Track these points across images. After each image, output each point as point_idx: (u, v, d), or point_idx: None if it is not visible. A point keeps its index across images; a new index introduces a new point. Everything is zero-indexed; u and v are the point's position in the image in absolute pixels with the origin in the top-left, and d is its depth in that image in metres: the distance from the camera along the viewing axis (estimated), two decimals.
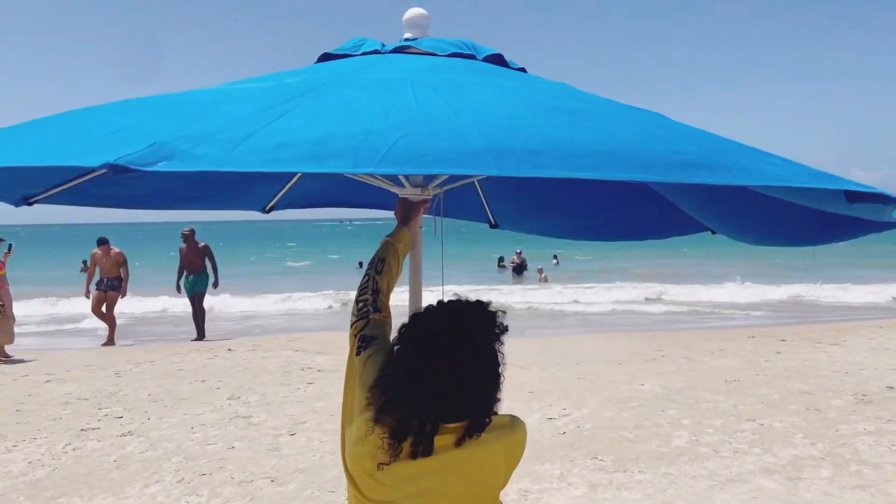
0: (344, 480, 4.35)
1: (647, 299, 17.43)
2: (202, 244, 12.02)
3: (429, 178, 2.36)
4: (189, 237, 11.95)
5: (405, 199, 2.26)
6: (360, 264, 30.47)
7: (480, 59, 2.18)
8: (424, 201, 2.30)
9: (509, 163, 1.35)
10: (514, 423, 1.74)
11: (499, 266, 27.56)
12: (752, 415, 6.11)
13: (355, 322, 1.91)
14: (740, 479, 4.63)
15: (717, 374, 7.81)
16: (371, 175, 2.53)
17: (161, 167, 1.24)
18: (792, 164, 1.47)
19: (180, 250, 12.07)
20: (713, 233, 3.07)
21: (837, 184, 1.36)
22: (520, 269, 25.25)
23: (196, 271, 11.84)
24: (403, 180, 2.34)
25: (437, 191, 2.37)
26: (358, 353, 1.83)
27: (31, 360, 9.38)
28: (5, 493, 4.58)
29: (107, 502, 4.41)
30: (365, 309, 1.92)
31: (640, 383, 7.39)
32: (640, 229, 3.33)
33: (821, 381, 7.34)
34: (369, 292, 1.95)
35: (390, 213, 2.50)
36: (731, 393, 6.91)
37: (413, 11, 2.32)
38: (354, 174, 2.12)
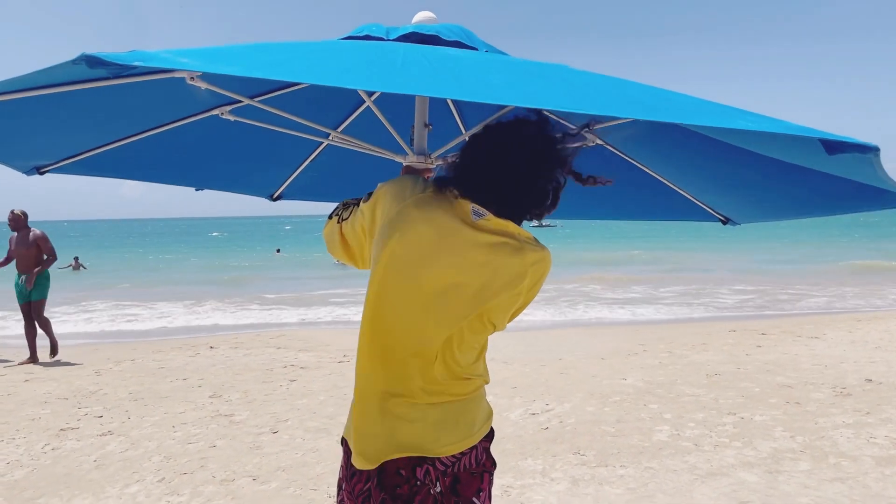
0: (325, 479, 4.36)
1: (629, 295, 17.51)
2: (37, 232, 8.95)
3: (432, 148, 2.41)
4: (19, 220, 8.90)
5: (409, 166, 2.35)
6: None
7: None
8: (427, 170, 2.36)
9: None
10: (545, 253, 1.85)
11: None
12: (732, 408, 6.16)
13: (333, 215, 2.12)
14: (721, 472, 4.66)
15: (698, 368, 7.86)
16: (377, 148, 2.57)
17: (137, 63, 1.24)
18: (769, 118, 1.49)
19: (10, 240, 8.99)
20: (724, 223, 3.10)
21: (815, 134, 1.38)
22: None
23: (28, 270, 8.90)
24: (407, 149, 2.41)
25: (440, 161, 2.43)
26: (362, 203, 1.99)
27: (8, 360, 9.26)
28: None
29: (86, 502, 4.36)
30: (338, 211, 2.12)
31: (622, 378, 7.42)
32: (645, 209, 3.39)
33: (800, 374, 7.41)
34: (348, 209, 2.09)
35: None
36: (712, 387, 6.96)
37: (422, 15, 2.36)
38: (362, 89, 2.17)
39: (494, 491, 4.39)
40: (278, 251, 34.58)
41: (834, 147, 1.36)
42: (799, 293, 16.91)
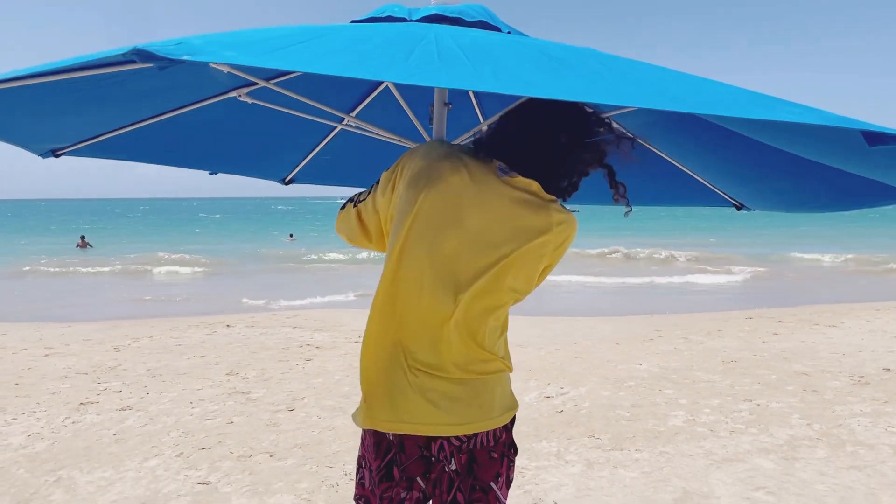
0: (341, 457, 4.41)
1: (647, 280, 17.44)
2: None
3: (451, 136, 2.40)
4: None
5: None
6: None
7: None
8: None
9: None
10: (570, 216, 1.87)
11: None
12: (748, 395, 6.13)
13: (346, 203, 2.13)
14: (736, 458, 4.66)
15: (714, 354, 7.83)
16: (392, 134, 2.55)
17: (186, 58, 1.25)
18: (810, 108, 1.45)
19: None
20: (738, 208, 3.07)
21: (857, 125, 1.34)
22: None
23: None
24: (425, 135, 2.39)
25: None
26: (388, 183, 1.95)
27: (30, 335, 9.38)
28: (5, 465, 4.60)
29: (106, 475, 4.43)
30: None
31: (638, 363, 7.41)
32: (660, 194, 3.36)
33: (818, 362, 7.36)
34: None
35: None
36: (728, 373, 6.94)
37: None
38: (383, 79, 2.16)
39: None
40: (291, 236, 34.64)
41: (876, 138, 1.32)
42: (817, 282, 16.78)
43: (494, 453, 1.88)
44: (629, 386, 6.48)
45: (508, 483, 1.93)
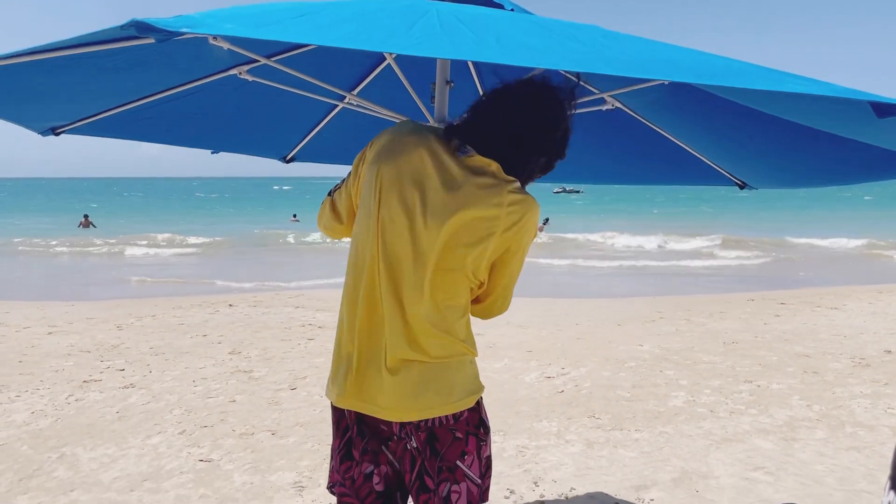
0: None
1: (646, 263, 17.43)
2: None
3: (453, 113, 2.37)
4: None
5: None
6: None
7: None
8: None
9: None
10: (528, 198, 1.84)
11: None
12: (749, 376, 6.15)
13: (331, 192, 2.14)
14: (736, 438, 4.68)
15: (715, 336, 7.85)
16: (393, 113, 2.54)
17: (184, 30, 1.25)
18: (817, 81, 1.44)
19: None
20: (741, 188, 3.06)
21: (866, 97, 1.33)
22: None
23: None
24: (427, 114, 2.37)
25: None
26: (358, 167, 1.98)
27: (33, 313, 9.42)
28: (8, 442, 4.63)
29: (109, 452, 4.46)
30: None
31: (639, 344, 7.43)
32: (663, 173, 3.35)
33: (819, 344, 7.37)
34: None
35: None
36: (729, 355, 6.95)
37: None
38: (383, 51, 2.15)
39: (509, 451, 4.43)
40: (294, 217, 34.57)
41: (885, 110, 1.31)
42: (821, 265, 16.76)
43: (458, 433, 1.84)
44: (630, 367, 6.50)
45: (483, 462, 1.89)
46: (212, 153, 3.58)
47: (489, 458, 1.92)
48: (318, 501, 3.76)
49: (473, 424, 1.87)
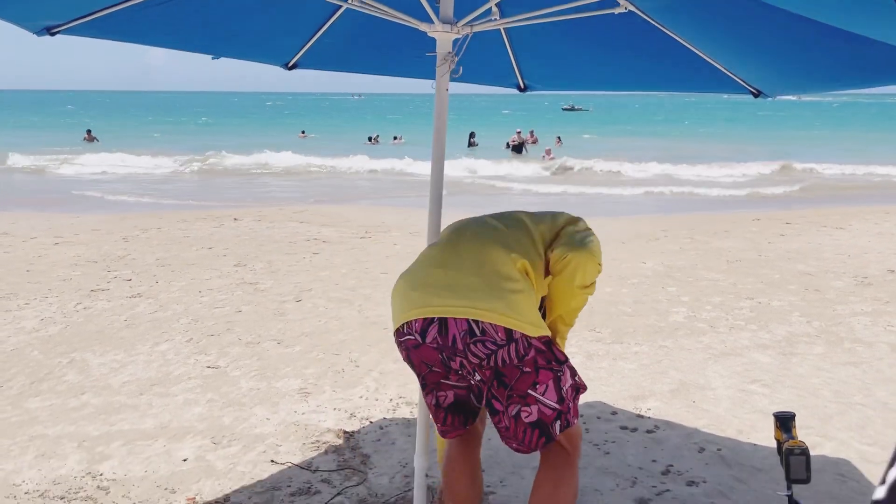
0: (347, 346, 4.50)
1: (655, 182, 17.31)
2: None
3: (459, 14, 2.30)
4: None
5: None
6: (370, 139, 30.23)
7: None
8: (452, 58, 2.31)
9: None
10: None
11: (470, 144, 27.22)
12: (750, 293, 6.19)
13: None
14: (734, 352, 4.74)
15: (719, 254, 7.86)
16: (399, 14, 2.46)
17: None
18: None
19: None
20: (755, 95, 2.99)
21: None
22: (519, 148, 24.96)
23: None
24: (432, 14, 2.30)
25: (467, 30, 2.33)
26: None
27: (39, 224, 9.46)
28: (19, 347, 4.73)
29: (118, 357, 4.55)
30: None
31: (642, 261, 7.45)
32: (675, 80, 3.28)
33: (822, 263, 7.38)
34: None
35: (404, 89, 2.50)
36: (731, 272, 6.98)
37: None
38: None
39: None
40: (303, 133, 34.16)
41: None
42: (831, 189, 16.63)
43: (526, 367, 1.90)
44: (632, 283, 6.54)
45: (575, 390, 1.99)
46: (212, 58, 3.49)
47: (563, 387, 2.07)
48: (322, 406, 3.85)
49: (547, 360, 2.00)
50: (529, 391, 1.90)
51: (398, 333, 2.01)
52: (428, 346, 1.93)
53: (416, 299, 1.94)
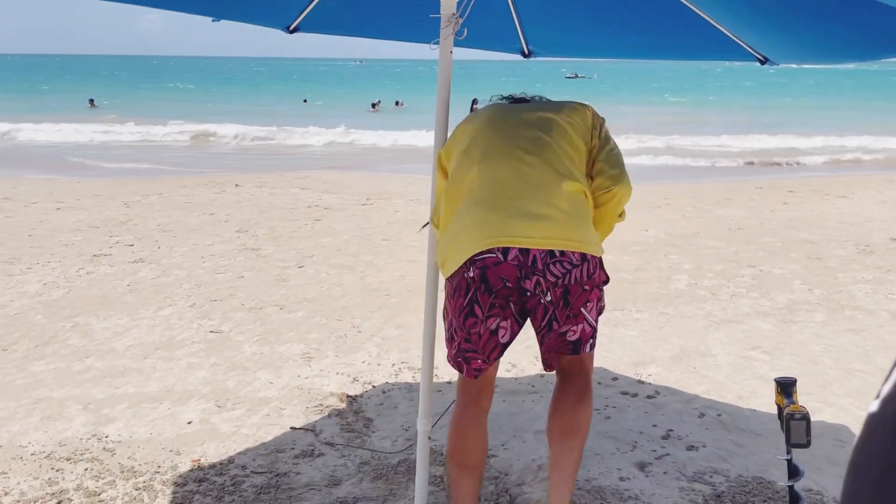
0: (350, 311, 4.50)
1: (652, 150, 17.21)
2: None
3: None
4: None
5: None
6: (373, 105, 30.08)
7: None
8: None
9: None
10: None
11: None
12: (752, 261, 6.19)
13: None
14: (735, 320, 4.76)
15: (721, 222, 7.84)
16: None
17: None
18: None
19: None
20: (762, 62, 2.96)
21: None
22: None
23: None
24: None
25: None
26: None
27: (40, 189, 9.44)
28: (22, 311, 4.75)
29: (122, 322, 4.57)
30: None
31: (644, 229, 7.44)
32: (682, 48, 3.26)
33: (825, 231, 7.37)
34: None
35: (404, 54, 2.51)
36: (733, 240, 6.97)
37: None
38: None
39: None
40: (305, 101, 33.92)
41: None
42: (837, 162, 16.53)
43: (587, 286, 2.13)
44: (634, 251, 6.54)
45: (600, 311, 2.23)
46: (213, 21, 3.45)
47: (603, 308, 2.35)
48: (325, 371, 3.88)
49: (602, 281, 2.26)
50: (581, 309, 2.13)
51: (471, 258, 2.10)
52: (509, 262, 2.07)
53: (497, 227, 2.07)
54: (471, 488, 2.27)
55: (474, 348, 2.16)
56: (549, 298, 2.10)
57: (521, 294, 2.11)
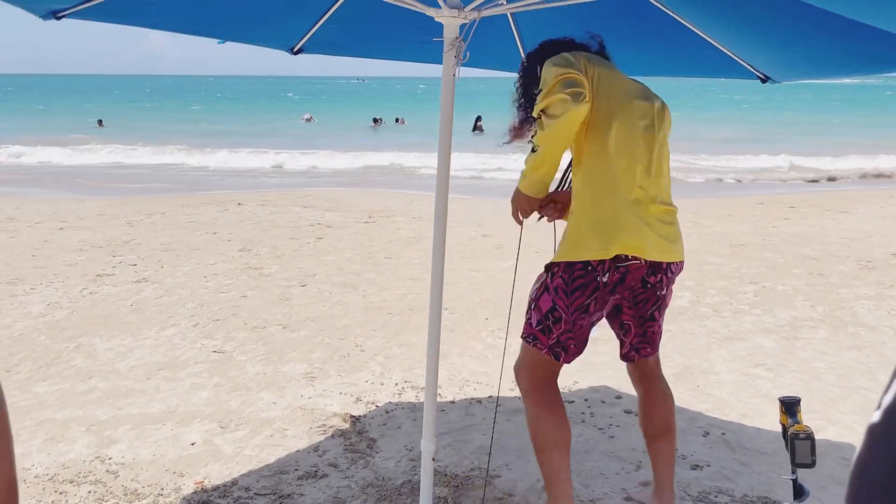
0: (352, 330, 4.47)
1: None
2: None
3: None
4: None
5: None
6: (375, 120, 30.23)
7: None
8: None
9: None
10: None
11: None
12: (754, 278, 6.19)
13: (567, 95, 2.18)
14: (738, 337, 4.75)
15: (722, 238, 7.85)
16: None
17: None
18: None
19: None
20: (763, 81, 2.99)
21: None
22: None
23: None
24: (440, 0, 2.29)
25: (474, 15, 2.32)
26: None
27: (44, 209, 9.47)
28: (26, 332, 4.76)
29: (125, 342, 4.58)
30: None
31: None
32: (683, 65, 3.30)
33: (826, 246, 7.38)
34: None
35: (405, 72, 2.53)
36: (735, 256, 6.98)
37: None
38: None
39: (515, 347, 4.52)
40: (309, 119, 34.05)
41: None
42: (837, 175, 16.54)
43: (672, 286, 2.47)
44: None
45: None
46: (219, 43, 3.50)
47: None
48: (328, 391, 3.88)
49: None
50: (668, 300, 2.45)
51: (619, 258, 2.24)
52: (645, 265, 2.28)
53: (652, 242, 2.26)
54: (568, 472, 2.40)
55: (575, 338, 2.34)
56: (664, 292, 2.40)
57: (635, 290, 2.34)
